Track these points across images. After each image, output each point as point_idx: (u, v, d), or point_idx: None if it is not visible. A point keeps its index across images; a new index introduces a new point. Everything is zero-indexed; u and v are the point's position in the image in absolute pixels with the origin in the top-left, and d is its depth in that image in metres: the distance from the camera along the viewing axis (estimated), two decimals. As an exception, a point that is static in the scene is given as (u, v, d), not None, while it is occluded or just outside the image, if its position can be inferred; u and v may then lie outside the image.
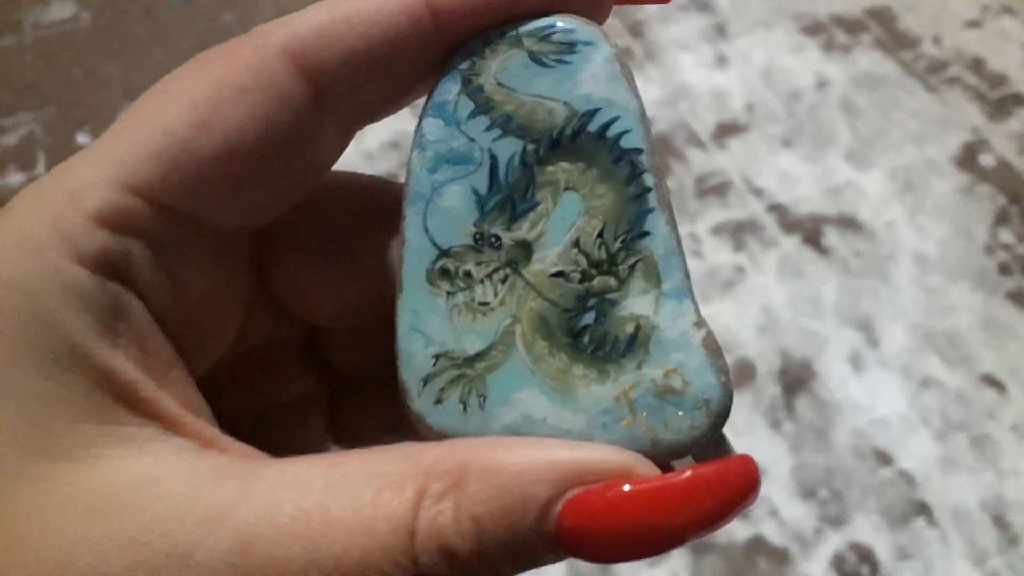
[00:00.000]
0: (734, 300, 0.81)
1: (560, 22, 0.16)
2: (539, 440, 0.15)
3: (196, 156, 0.15)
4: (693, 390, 0.15)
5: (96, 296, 0.14)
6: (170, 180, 0.15)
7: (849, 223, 0.87)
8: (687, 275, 0.16)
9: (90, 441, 0.14)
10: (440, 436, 0.16)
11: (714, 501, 0.14)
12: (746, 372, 0.77)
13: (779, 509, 0.69)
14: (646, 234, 0.16)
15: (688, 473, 0.14)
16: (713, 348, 0.15)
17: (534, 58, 0.16)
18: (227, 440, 0.15)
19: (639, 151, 0.16)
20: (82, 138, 0.98)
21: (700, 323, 0.15)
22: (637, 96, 0.16)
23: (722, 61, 1.03)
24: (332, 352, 0.21)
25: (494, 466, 0.13)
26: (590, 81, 0.16)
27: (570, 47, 0.16)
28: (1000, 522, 0.68)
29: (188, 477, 0.14)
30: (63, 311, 0.14)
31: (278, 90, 0.15)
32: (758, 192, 0.90)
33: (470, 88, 0.16)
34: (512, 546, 0.13)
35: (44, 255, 0.14)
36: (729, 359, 0.78)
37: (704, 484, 0.14)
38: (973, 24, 1.06)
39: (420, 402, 0.16)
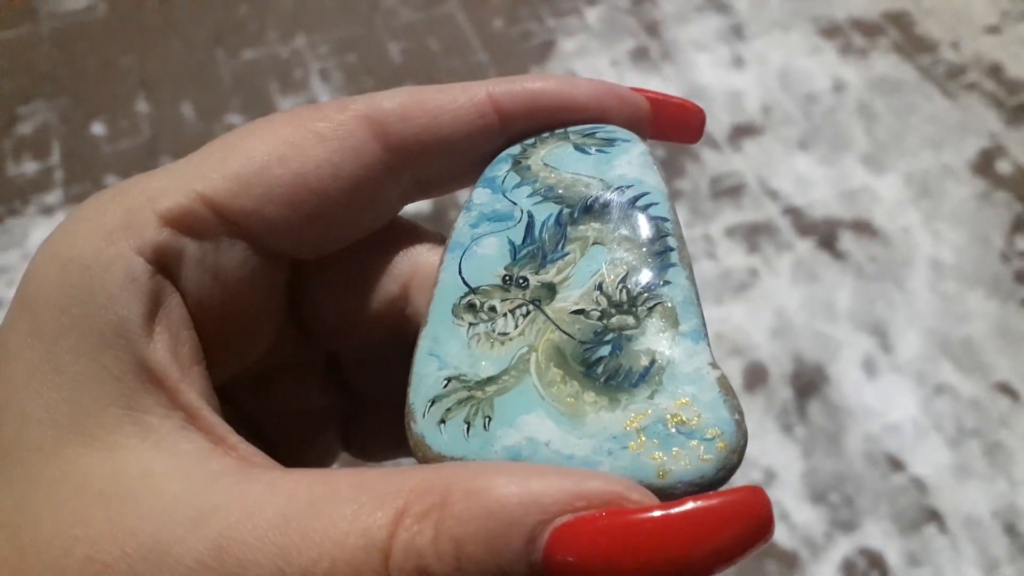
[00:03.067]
0: (747, 303, 0.81)
1: (603, 126, 0.19)
2: (529, 465, 0.14)
3: (268, 182, 0.16)
4: (705, 423, 0.15)
5: (145, 284, 0.15)
6: (240, 198, 0.16)
7: (864, 228, 0.87)
8: (704, 324, 0.16)
9: (114, 427, 0.15)
10: (438, 458, 0.15)
11: (718, 537, 0.12)
12: (758, 375, 0.77)
13: (789, 513, 0.69)
14: (667, 283, 0.17)
15: (689, 504, 0.12)
16: (727, 388, 0.15)
17: (578, 148, 0.18)
18: (236, 438, 0.16)
19: (665, 219, 0.17)
20: (97, 128, 0.98)
21: (715, 365, 0.15)
22: (665, 182, 0.18)
23: (738, 62, 1.02)
24: (350, 375, 0.22)
25: (481, 489, 0.13)
26: (625, 166, 0.18)
27: (610, 142, 0.18)
28: (1011, 530, 0.68)
29: (186, 476, 0.14)
30: (119, 294, 0.15)
31: (353, 144, 0.17)
32: (773, 195, 0.89)
33: (519, 167, 0.18)
34: (493, 572, 0.13)
35: (112, 241, 0.15)
36: (741, 362, 0.77)
37: (707, 517, 0.12)
38: (992, 30, 1.05)
39: (423, 423, 0.16)
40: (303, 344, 0.20)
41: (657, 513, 0.12)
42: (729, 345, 0.79)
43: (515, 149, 0.19)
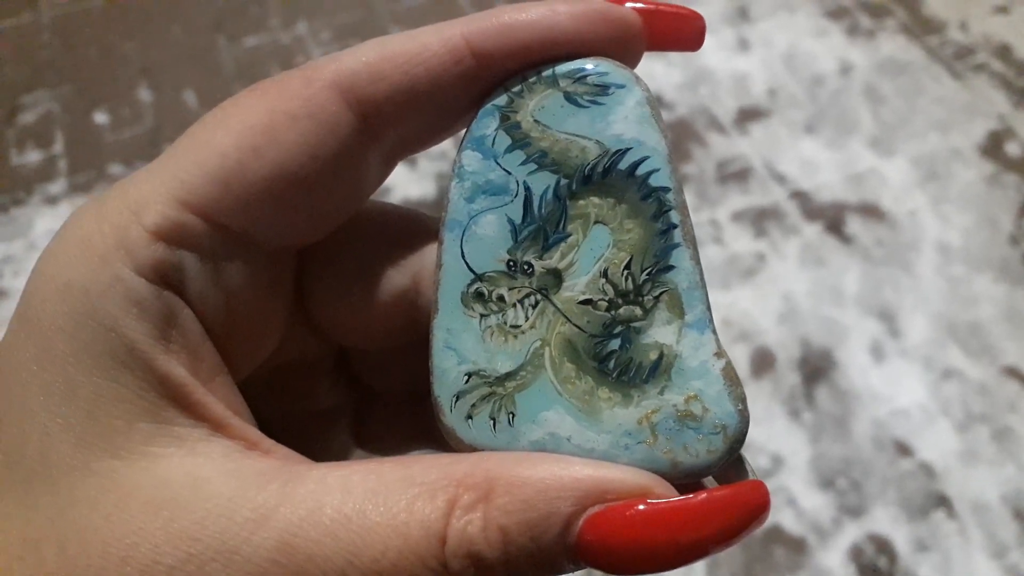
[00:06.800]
0: (754, 288, 0.81)
1: (594, 65, 0.17)
2: (563, 457, 0.15)
3: (248, 179, 0.16)
4: (711, 416, 0.16)
5: (152, 304, 0.15)
6: (223, 200, 0.16)
7: (872, 211, 0.86)
8: (708, 308, 0.17)
9: (146, 439, 0.15)
10: (470, 449, 0.17)
11: (725, 523, 0.14)
12: (766, 361, 0.76)
13: (797, 499, 0.69)
14: (671, 268, 0.17)
15: (703, 496, 0.15)
16: (732, 377, 0.16)
17: (569, 98, 0.17)
18: (269, 443, 0.16)
19: (666, 189, 0.17)
20: (99, 116, 0.98)
21: (720, 353, 0.16)
22: (666, 137, 0.17)
23: (744, 45, 1.01)
24: (361, 369, 0.22)
25: (520, 480, 0.15)
26: (621, 122, 0.17)
27: (603, 89, 0.17)
28: (1021, 516, 0.68)
29: (235, 478, 0.15)
30: (123, 317, 0.15)
31: (326, 119, 0.16)
32: (780, 178, 0.89)
33: (508, 124, 0.17)
34: (536, 556, 0.14)
35: (107, 264, 0.15)
36: (748, 347, 0.77)
37: (716, 506, 0.14)
38: (1001, 10, 1.04)
39: (452, 417, 0.17)
40: (312, 341, 0.20)
41: (676, 504, 0.14)
42: (736, 330, 0.78)
43: (501, 99, 0.17)
